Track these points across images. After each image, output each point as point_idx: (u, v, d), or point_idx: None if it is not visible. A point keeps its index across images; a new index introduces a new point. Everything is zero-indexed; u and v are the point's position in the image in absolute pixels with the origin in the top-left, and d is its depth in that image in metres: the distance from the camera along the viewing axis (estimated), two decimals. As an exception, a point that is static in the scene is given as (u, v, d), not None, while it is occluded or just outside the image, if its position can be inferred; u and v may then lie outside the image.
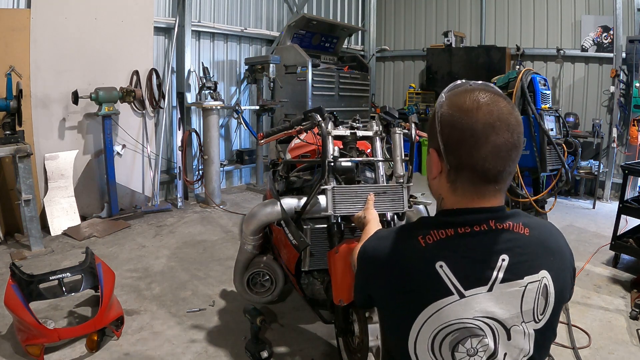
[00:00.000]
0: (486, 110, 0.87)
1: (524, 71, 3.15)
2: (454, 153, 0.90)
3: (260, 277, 2.34)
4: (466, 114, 0.88)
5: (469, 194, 0.93)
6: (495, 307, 0.90)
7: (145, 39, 4.80)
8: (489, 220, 0.92)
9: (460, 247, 0.91)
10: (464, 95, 0.91)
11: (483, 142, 0.86)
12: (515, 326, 0.91)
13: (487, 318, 0.90)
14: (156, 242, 3.97)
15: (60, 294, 2.41)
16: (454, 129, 0.89)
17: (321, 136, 1.96)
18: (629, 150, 5.50)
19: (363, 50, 7.86)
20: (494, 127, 0.87)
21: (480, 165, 0.88)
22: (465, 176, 0.91)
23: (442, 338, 0.91)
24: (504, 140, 0.87)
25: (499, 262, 0.89)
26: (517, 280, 0.90)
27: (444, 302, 0.89)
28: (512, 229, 0.92)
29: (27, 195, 3.46)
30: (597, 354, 2.34)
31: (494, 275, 0.89)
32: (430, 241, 0.92)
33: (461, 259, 0.90)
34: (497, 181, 0.91)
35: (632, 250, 3.32)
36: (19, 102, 3.58)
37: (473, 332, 0.90)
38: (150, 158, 5.02)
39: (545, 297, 0.93)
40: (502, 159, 0.88)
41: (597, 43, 5.75)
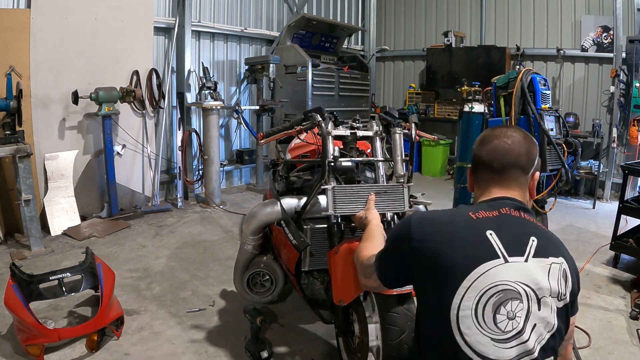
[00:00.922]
0: (497, 131, 1.26)
1: (524, 71, 3.15)
2: (475, 161, 1.29)
3: (260, 277, 2.34)
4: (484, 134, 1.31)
5: (486, 185, 1.25)
6: (531, 275, 1.06)
7: (145, 39, 4.80)
8: (519, 210, 1.17)
9: (504, 223, 1.13)
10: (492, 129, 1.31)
11: (487, 145, 1.25)
12: (545, 297, 1.06)
13: (524, 285, 1.05)
14: (156, 242, 3.97)
15: (60, 294, 2.41)
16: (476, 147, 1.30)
17: (321, 136, 1.96)
18: (629, 150, 5.50)
19: (363, 50, 7.86)
20: (497, 136, 1.24)
21: (485, 159, 1.24)
22: (480, 170, 1.27)
23: (487, 299, 1.04)
24: (501, 144, 1.23)
25: (530, 241, 1.10)
26: (544, 257, 1.09)
27: (492, 264, 1.06)
28: (533, 221, 1.17)
29: (27, 195, 3.47)
30: (597, 354, 2.34)
31: (527, 250, 1.09)
32: (480, 216, 1.14)
33: (505, 232, 1.10)
34: (501, 173, 1.22)
35: (632, 250, 3.32)
36: (19, 102, 3.58)
37: (514, 295, 1.04)
38: (150, 158, 5.02)
39: (565, 280, 1.10)
40: (499, 155, 1.22)
41: (597, 43, 5.75)
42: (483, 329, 1.04)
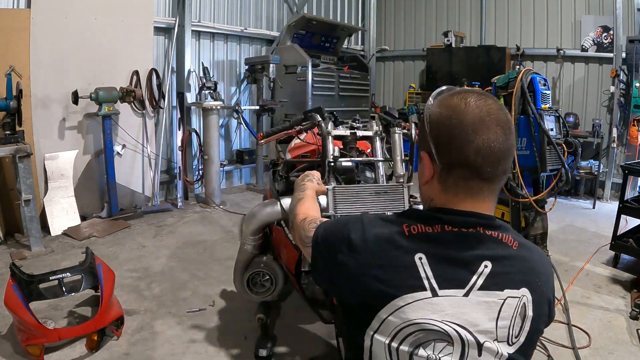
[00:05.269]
0: (474, 106, 0.85)
1: (524, 71, 3.15)
2: (445, 152, 0.87)
3: (260, 277, 2.34)
4: (454, 111, 0.86)
5: (461, 193, 0.89)
6: (470, 314, 0.83)
7: (145, 39, 4.80)
8: (477, 226, 0.88)
9: (444, 244, 0.86)
10: (452, 96, 0.90)
11: (473, 136, 0.83)
12: (488, 342, 0.84)
13: (458, 325, 0.83)
14: (156, 242, 3.97)
15: (60, 294, 2.41)
16: (443, 127, 0.87)
17: (321, 136, 1.96)
18: (629, 150, 5.50)
19: (363, 50, 7.86)
20: (483, 121, 0.84)
21: (472, 161, 0.84)
22: (458, 174, 0.87)
23: (404, 336, 0.84)
24: (495, 136, 0.84)
25: (480, 268, 0.85)
26: (497, 291, 0.85)
27: (414, 297, 0.83)
28: (501, 239, 0.88)
29: (27, 195, 3.46)
30: (597, 354, 2.34)
31: (473, 280, 0.84)
32: (414, 231, 0.87)
33: (442, 257, 0.85)
34: (491, 179, 0.87)
35: (632, 250, 3.32)
36: (19, 102, 3.58)
37: (439, 336, 0.83)
38: (150, 158, 5.02)
39: (522, 319, 0.87)
40: (495, 155, 0.84)
41: (597, 43, 5.75)
42: None
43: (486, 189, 0.89)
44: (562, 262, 3.54)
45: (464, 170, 0.86)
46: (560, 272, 3.17)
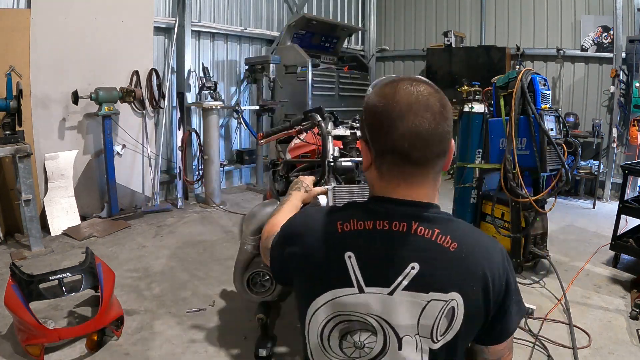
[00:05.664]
0: (403, 93, 0.87)
1: (524, 71, 3.14)
2: (376, 139, 0.90)
3: (260, 277, 2.34)
4: (384, 99, 0.88)
5: (395, 179, 0.90)
6: (391, 312, 0.88)
7: (145, 39, 4.80)
8: (412, 220, 0.88)
9: (373, 243, 0.89)
10: (387, 85, 0.91)
11: (400, 123, 0.85)
12: (408, 337, 0.89)
13: (380, 319, 0.89)
14: (156, 242, 3.97)
15: (60, 294, 2.41)
16: (374, 115, 0.89)
17: (321, 136, 1.96)
18: (629, 150, 5.50)
19: (363, 50, 7.86)
20: (411, 107, 0.85)
21: (398, 146, 0.86)
22: (389, 160, 0.89)
23: (333, 325, 0.92)
24: (423, 120, 0.85)
25: (407, 269, 0.87)
26: (421, 293, 0.87)
27: (342, 292, 0.89)
28: (434, 239, 0.88)
29: (27, 195, 3.46)
30: (597, 354, 2.34)
31: (399, 280, 0.87)
32: (347, 229, 0.91)
33: (371, 255, 0.89)
34: (421, 163, 0.88)
35: (632, 250, 3.32)
36: (19, 102, 3.58)
37: (364, 326, 0.90)
38: (150, 158, 5.02)
39: (450, 320, 0.88)
40: (422, 139, 0.85)
41: (597, 43, 5.75)
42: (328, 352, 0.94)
43: (419, 174, 0.90)
44: (562, 262, 3.54)
45: (394, 156, 0.88)
46: (560, 272, 3.16)
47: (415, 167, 0.89)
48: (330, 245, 0.92)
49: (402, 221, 0.89)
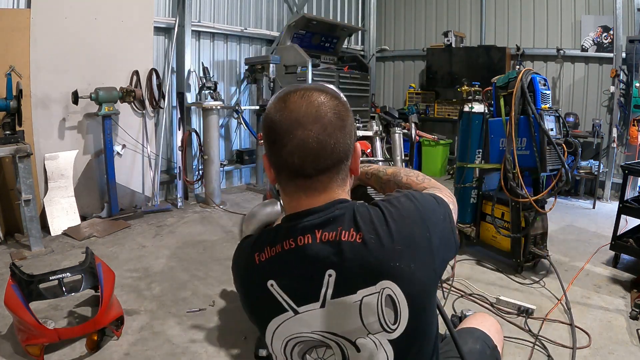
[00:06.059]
0: (293, 107, 0.85)
1: (524, 71, 3.14)
2: (270, 155, 0.89)
3: (260, 277, 2.34)
4: (276, 113, 0.87)
5: (295, 193, 0.90)
6: (332, 322, 0.87)
7: (145, 39, 4.80)
8: (314, 229, 0.86)
9: (288, 265, 0.88)
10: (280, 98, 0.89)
11: (288, 138, 0.84)
12: (361, 339, 0.88)
13: (326, 333, 0.88)
14: (156, 242, 3.97)
15: (60, 294, 2.41)
16: (268, 131, 0.88)
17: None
18: (629, 150, 5.50)
19: (363, 50, 7.87)
20: (299, 122, 0.83)
21: (290, 162, 0.85)
22: (285, 175, 0.89)
23: (291, 348, 0.92)
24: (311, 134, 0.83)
25: (325, 278, 0.85)
26: (350, 295, 0.85)
27: (281, 319, 0.90)
28: (339, 239, 0.85)
29: (27, 195, 3.46)
30: (597, 354, 2.34)
31: (323, 291, 0.86)
32: (263, 259, 0.90)
33: (290, 277, 0.88)
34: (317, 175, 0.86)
35: (632, 250, 3.32)
36: (19, 102, 3.58)
37: (316, 343, 0.90)
38: (150, 158, 5.02)
39: (393, 307, 0.86)
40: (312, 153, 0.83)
41: (597, 43, 5.75)
42: None
43: (318, 185, 0.88)
44: (562, 262, 3.54)
45: (288, 171, 0.87)
46: (560, 272, 3.16)
47: (312, 180, 0.87)
48: (253, 279, 0.93)
49: (305, 234, 0.87)
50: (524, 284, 3.15)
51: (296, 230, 0.88)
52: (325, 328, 0.88)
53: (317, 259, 0.86)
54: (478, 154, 3.63)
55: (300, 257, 0.87)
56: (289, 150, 0.84)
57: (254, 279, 0.92)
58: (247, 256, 0.95)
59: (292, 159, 0.85)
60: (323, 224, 0.87)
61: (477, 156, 3.63)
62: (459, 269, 3.38)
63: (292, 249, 0.88)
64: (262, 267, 0.91)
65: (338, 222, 0.86)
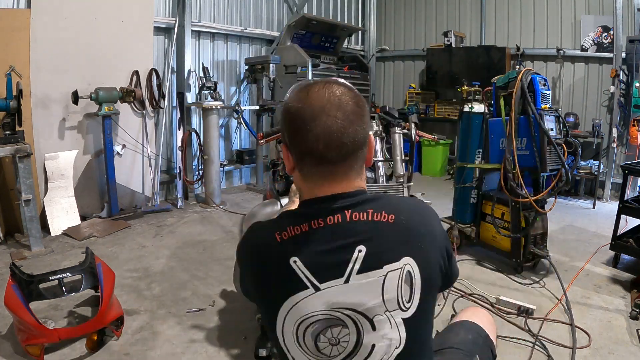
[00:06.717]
0: (316, 96, 0.90)
1: (524, 71, 3.14)
2: (293, 142, 0.93)
3: (260, 277, 2.34)
4: (299, 103, 0.91)
5: (318, 179, 0.94)
6: (353, 298, 0.91)
7: (145, 39, 4.80)
8: (344, 210, 0.92)
9: (316, 242, 0.92)
10: (302, 89, 0.94)
11: (312, 124, 0.88)
12: (379, 315, 0.92)
13: (345, 309, 0.91)
14: (156, 242, 3.97)
15: (60, 294, 2.41)
16: (291, 119, 0.92)
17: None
18: (629, 150, 5.50)
19: (363, 50, 7.87)
20: (323, 109, 0.88)
21: (315, 148, 0.89)
22: (309, 162, 0.92)
23: (304, 329, 0.93)
24: (333, 120, 0.88)
25: (355, 254, 0.90)
26: (376, 270, 0.91)
27: (300, 296, 0.91)
28: (371, 219, 0.92)
29: (27, 195, 3.46)
30: (597, 354, 2.34)
31: (350, 267, 0.90)
32: (285, 237, 0.93)
33: (315, 254, 0.91)
34: (340, 161, 0.91)
35: (632, 250, 3.32)
36: (19, 102, 3.58)
37: (332, 322, 0.92)
38: (150, 158, 5.02)
39: (410, 284, 0.93)
40: (335, 137, 0.88)
41: (597, 43, 5.75)
42: (307, 354, 0.96)
43: (340, 171, 0.93)
44: (562, 262, 3.54)
45: (312, 157, 0.91)
46: (560, 272, 3.16)
47: (334, 166, 0.92)
48: (274, 257, 0.94)
49: (336, 214, 0.92)
50: (524, 284, 3.15)
51: (325, 211, 0.92)
52: (345, 304, 0.91)
53: (349, 235, 0.91)
54: (478, 154, 3.63)
55: (330, 234, 0.91)
56: (315, 135, 0.88)
57: (274, 257, 0.94)
58: (266, 235, 0.97)
59: (317, 145, 0.89)
60: (353, 205, 0.92)
61: (477, 156, 3.63)
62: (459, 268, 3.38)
63: (321, 228, 0.92)
64: (284, 245, 0.93)
65: (368, 205, 0.93)
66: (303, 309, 0.92)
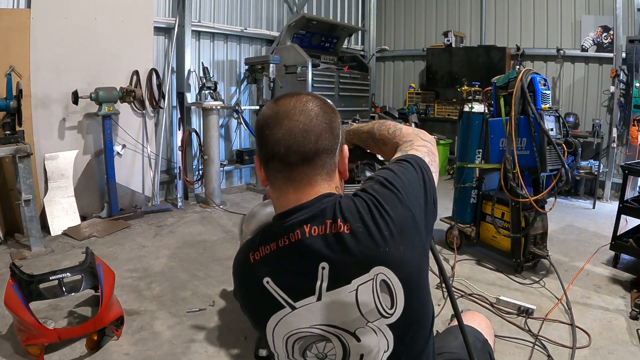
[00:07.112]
0: (283, 103, 0.92)
1: (524, 71, 3.14)
2: (260, 149, 0.93)
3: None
4: (267, 111, 0.93)
5: (282, 185, 0.92)
6: (330, 315, 0.89)
7: (145, 39, 4.80)
8: (303, 225, 0.88)
9: (282, 261, 0.91)
10: (274, 100, 0.96)
11: (276, 129, 0.89)
12: (361, 328, 0.89)
13: (325, 326, 0.90)
14: (156, 242, 3.97)
15: (60, 294, 2.41)
16: (258, 127, 0.94)
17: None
18: (629, 150, 5.50)
19: (363, 50, 7.86)
20: (287, 114, 0.89)
21: (277, 151, 0.88)
22: (273, 167, 0.91)
23: (292, 343, 0.94)
24: (296, 123, 0.88)
25: (319, 271, 0.87)
26: (345, 285, 0.87)
27: (279, 315, 0.92)
28: (329, 231, 0.87)
29: (27, 195, 3.46)
30: (597, 354, 2.34)
31: (318, 284, 0.88)
32: (257, 257, 0.93)
33: (284, 273, 0.90)
34: (302, 164, 0.89)
35: (632, 250, 3.32)
36: (19, 102, 3.58)
37: (315, 339, 0.92)
38: (150, 158, 5.02)
39: (389, 291, 0.87)
40: (296, 138, 0.87)
41: (597, 43, 5.75)
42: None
43: (303, 176, 0.91)
44: (562, 262, 3.54)
45: (274, 162, 0.91)
46: (560, 272, 3.17)
47: (297, 170, 0.90)
48: (249, 278, 0.95)
49: (296, 229, 0.89)
50: (524, 284, 3.15)
51: (287, 227, 0.90)
52: (323, 321, 0.90)
53: (309, 253, 0.88)
54: (478, 154, 3.63)
55: (293, 253, 0.89)
56: (276, 139, 0.89)
57: (250, 278, 0.94)
58: (243, 257, 0.98)
59: (278, 148, 0.88)
60: (311, 218, 0.89)
61: (477, 156, 3.63)
62: (459, 269, 3.38)
63: (286, 246, 0.90)
64: (256, 266, 0.93)
65: (326, 216, 0.88)
66: (285, 328, 0.92)
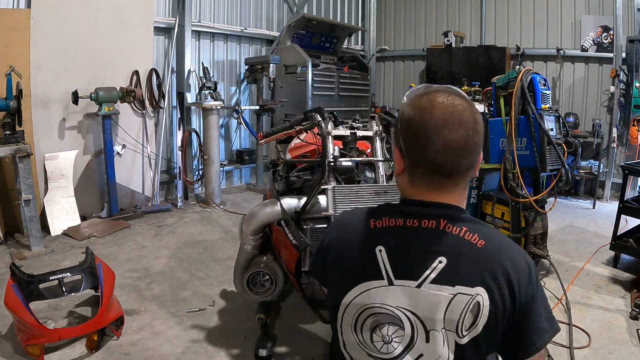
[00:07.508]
0: (439, 108, 0.91)
1: (524, 71, 3.14)
2: (411, 150, 0.94)
3: (260, 277, 2.34)
4: (421, 113, 0.92)
5: (425, 188, 0.95)
6: (419, 304, 0.92)
7: (145, 39, 4.80)
8: (440, 219, 0.93)
9: (403, 238, 0.94)
10: (422, 96, 0.95)
11: (435, 138, 0.89)
12: (435, 330, 0.91)
13: (407, 311, 0.93)
14: (156, 242, 3.97)
15: (60, 294, 2.41)
16: (410, 127, 0.93)
17: (321, 136, 1.96)
18: (629, 150, 5.50)
19: (363, 50, 7.86)
20: (446, 123, 0.89)
21: (432, 159, 0.90)
22: (422, 170, 0.94)
23: (364, 318, 0.96)
24: (457, 136, 0.89)
25: (435, 263, 0.91)
26: (448, 286, 0.90)
27: (373, 284, 0.95)
28: (462, 235, 0.92)
29: (27, 195, 3.46)
30: (597, 354, 2.34)
31: (426, 273, 0.91)
32: (379, 225, 0.97)
33: (400, 249, 0.94)
34: (452, 175, 0.93)
35: (632, 250, 3.32)
36: (19, 102, 3.58)
37: (392, 320, 0.94)
38: (150, 158, 5.02)
39: (475, 315, 0.89)
40: (455, 154, 0.90)
41: (597, 43, 5.75)
42: (361, 344, 0.98)
43: (450, 184, 0.95)
44: (562, 262, 3.54)
45: (427, 166, 0.93)
46: (560, 272, 3.16)
47: (447, 178, 0.94)
48: (363, 240, 0.98)
49: (431, 219, 0.93)
50: (524, 284, 3.15)
51: (423, 214, 0.94)
52: (410, 307, 0.92)
53: (436, 243, 0.92)
54: (478, 154, 3.62)
55: (419, 236, 0.93)
56: (436, 149, 0.90)
57: (363, 240, 0.98)
58: (362, 219, 1.01)
59: (436, 156, 0.90)
60: (450, 217, 0.93)
61: (477, 156, 3.62)
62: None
63: (414, 227, 0.94)
64: (375, 232, 0.97)
65: (464, 223, 0.93)
66: (371, 298, 0.95)
